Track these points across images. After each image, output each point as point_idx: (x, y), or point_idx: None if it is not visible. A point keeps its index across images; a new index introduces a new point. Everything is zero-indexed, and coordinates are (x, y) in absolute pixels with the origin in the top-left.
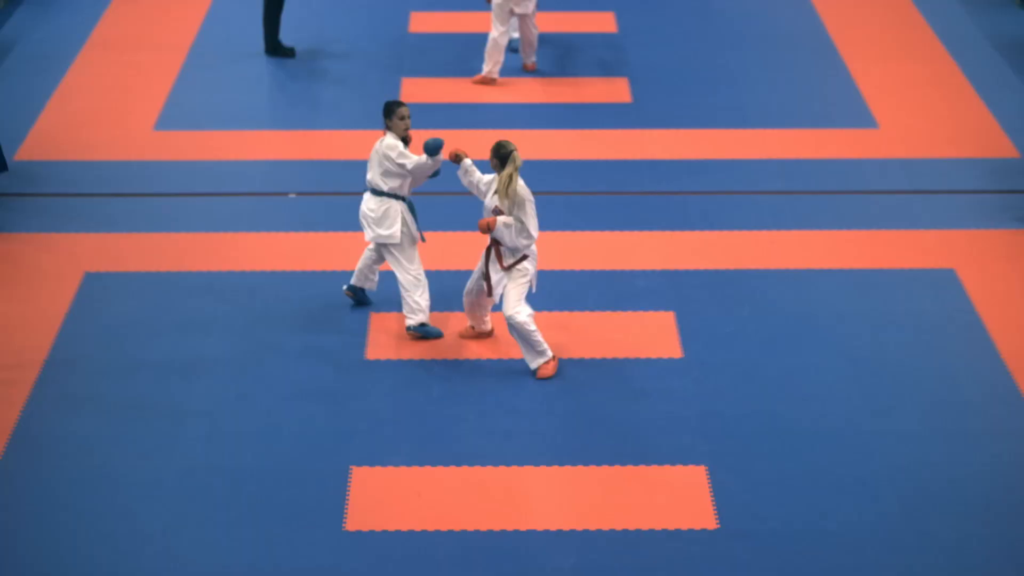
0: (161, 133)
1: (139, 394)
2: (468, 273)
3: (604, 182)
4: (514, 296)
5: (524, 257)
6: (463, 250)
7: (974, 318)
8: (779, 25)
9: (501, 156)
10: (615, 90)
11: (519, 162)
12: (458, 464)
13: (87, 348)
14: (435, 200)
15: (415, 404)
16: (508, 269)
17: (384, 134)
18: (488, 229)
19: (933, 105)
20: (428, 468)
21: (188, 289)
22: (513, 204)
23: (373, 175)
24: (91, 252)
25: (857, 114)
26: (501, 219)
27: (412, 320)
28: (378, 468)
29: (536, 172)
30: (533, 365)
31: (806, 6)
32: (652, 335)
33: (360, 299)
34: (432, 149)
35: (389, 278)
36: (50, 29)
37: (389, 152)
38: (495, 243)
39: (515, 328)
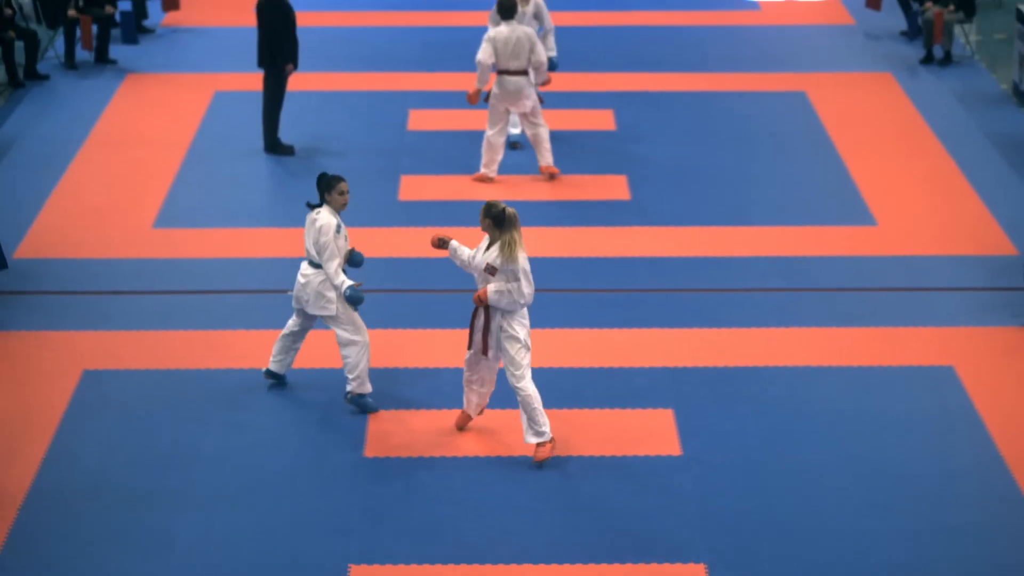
0: (160, 231)
1: (137, 491)
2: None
3: (603, 279)
4: (520, 366)
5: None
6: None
7: (973, 415)
8: (777, 123)
9: (494, 215)
10: (614, 187)
11: (518, 221)
12: (457, 562)
13: (85, 445)
14: (429, 298)
15: (414, 501)
16: (499, 333)
17: (320, 208)
18: (482, 301)
19: (931, 203)
20: (427, 566)
21: (187, 387)
22: (509, 261)
23: (309, 247)
24: (90, 350)
25: (856, 212)
26: (492, 288)
27: (355, 388)
28: (376, 566)
29: (535, 269)
30: (530, 441)
31: (804, 104)
32: (651, 432)
33: (280, 381)
34: (353, 301)
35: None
36: (51, 127)
37: (321, 237)
38: (484, 306)
39: (522, 400)
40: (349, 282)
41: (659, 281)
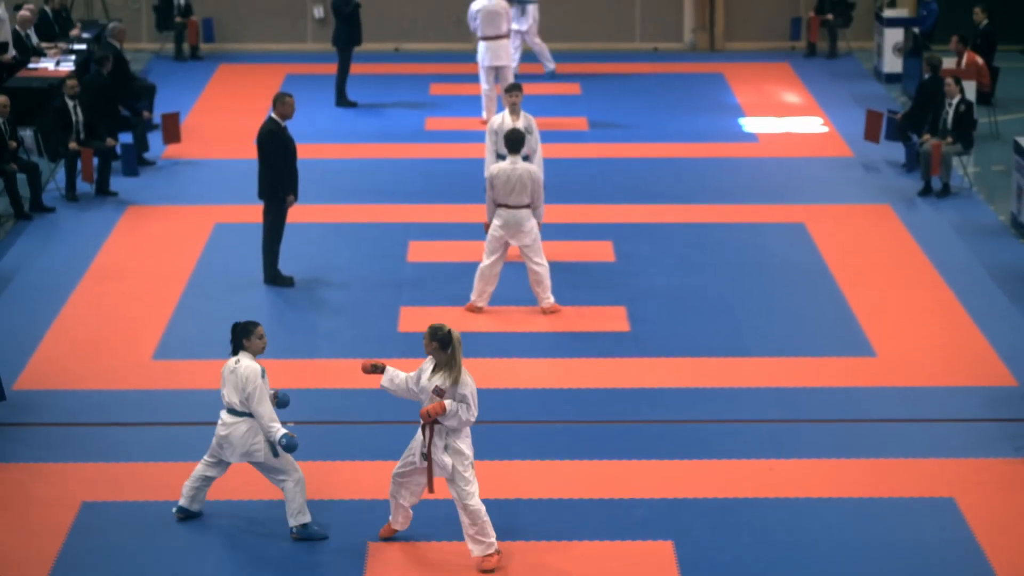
0: (160, 362)
1: None
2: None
3: (602, 411)
4: (469, 481)
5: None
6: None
7: (974, 547)
8: (776, 254)
9: (441, 338)
10: (613, 319)
11: (461, 344)
12: None
13: None
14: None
15: None
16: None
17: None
18: (431, 416)
19: (931, 334)
20: None
21: (186, 519)
22: (456, 383)
23: (230, 396)
24: (88, 482)
25: (855, 343)
26: (449, 403)
27: (296, 521)
28: None
29: (534, 401)
30: (478, 553)
31: (803, 236)
32: (651, 565)
33: (190, 515)
34: (290, 449)
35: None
36: (51, 258)
37: (248, 385)
38: (431, 426)
39: (471, 513)
40: (284, 430)
41: (658, 412)
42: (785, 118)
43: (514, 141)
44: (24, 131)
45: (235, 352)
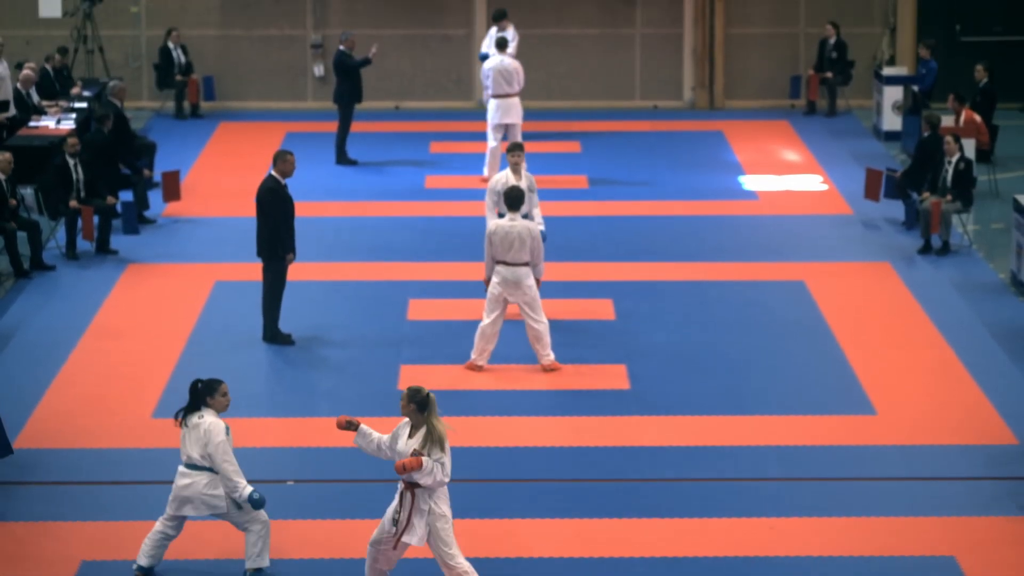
0: (160, 421)
1: None
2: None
3: (603, 469)
4: (451, 544)
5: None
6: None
7: None
8: (776, 312)
9: (419, 401)
10: (613, 377)
11: (436, 406)
12: None
13: None
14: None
15: None
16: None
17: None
18: (406, 470)
19: (931, 392)
20: None
21: None
22: (433, 445)
23: (189, 450)
24: (88, 540)
25: (855, 401)
26: (426, 459)
27: (253, 564)
28: None
29: (534, 459)
30: None
31: (803, 293)
32: None
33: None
34: (259, 505)
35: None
36: (52, 316)
37: (214, 438)
38: (411, 487)
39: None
40: (251, 487)
41: (658, 471)
42: (785, 176)
43: (514, 199)
44: (24, 189)
45: (196, 409)
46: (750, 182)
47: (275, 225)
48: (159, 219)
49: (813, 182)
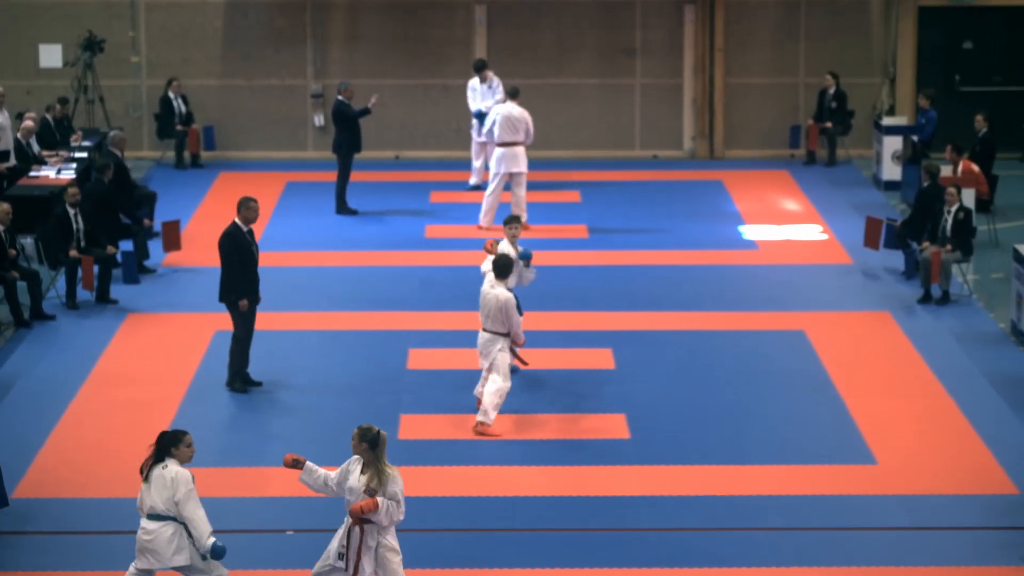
0: None
1: None
2: None
3: (603, 519)
4: None
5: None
6: None
7: None
8: (776, 362)
9: (370, 439)
10: (613, 426)
11: (386, 442)
12: None
13: None
14: (441, 538)
15: None
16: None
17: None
18: (364, 512)
19: (931, 442)
20: None
21: None
22: (385, 482)
23: (153, 501)
24: None
25: (855, 450)
26: (380, 500)
27: None
28: None
29: (534, 509)
30: None
31: (803, 342)
32: None
33: None
34: (220, 555)
35: None
36: (52, 366)
37: (178, 488)
38: (362, 523)
39: None
40: (214, 538)
41: (658, 520)
42: (785, 226)
43: (501, 267)
44: (25, 239)
45: (160, 459)
46: (750, 232)
47: (232, 270)
48: (159, 269)
49: (813, 232)
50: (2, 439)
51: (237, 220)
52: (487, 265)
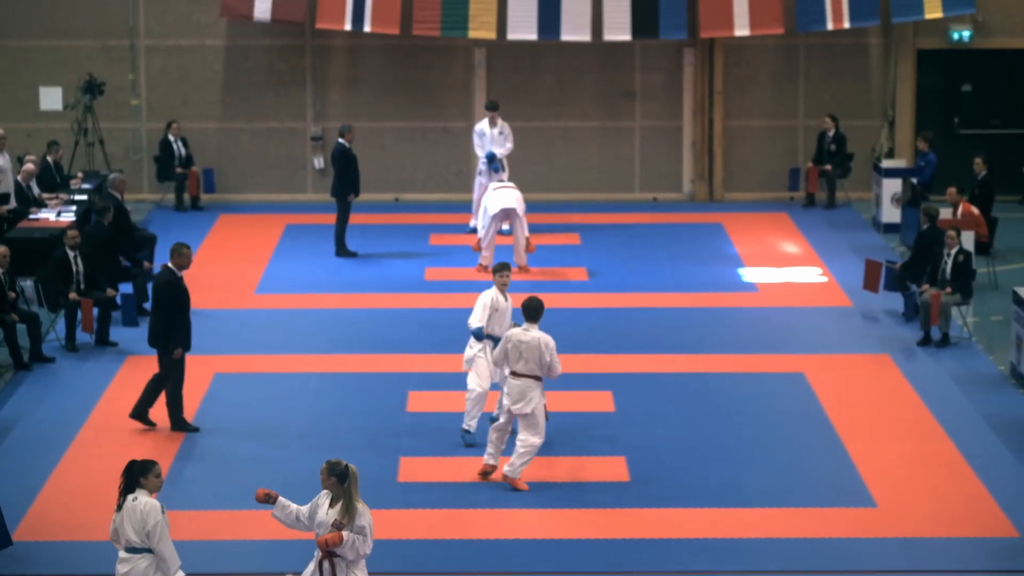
0: None
1: None
2: None
3: (603, 562)
4: None
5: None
6: None
7: None
8: (776, 404)
9: (339, 473)
10: (613, 469)
11: (356, 476)
12: None
13: None
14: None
15: None
16: None
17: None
18: (329, 545)
19: (931, 484)
20: None
21: None
22: (354, 517)
23: (127, 534)
24: None
25: (855, 493)
26: (346, 533)
27: None
28: None
29: (534, 551)
30: None
31: (803, 385)
32: None
33: None
34: None
35: None
36: (51, 408)
37: (147, 520)
38: (330, 556)
39: None
40: (182, 573)
41: (659, 563)
42: (784, 268)
43: (532, 309)
44: (24, 281)
45: (130, 490)
46: (749, 274)
47: (168, 317)
48: None
49: (812, 274)
50: (2, 481)
51: (170, 266)
52: (477, 320)
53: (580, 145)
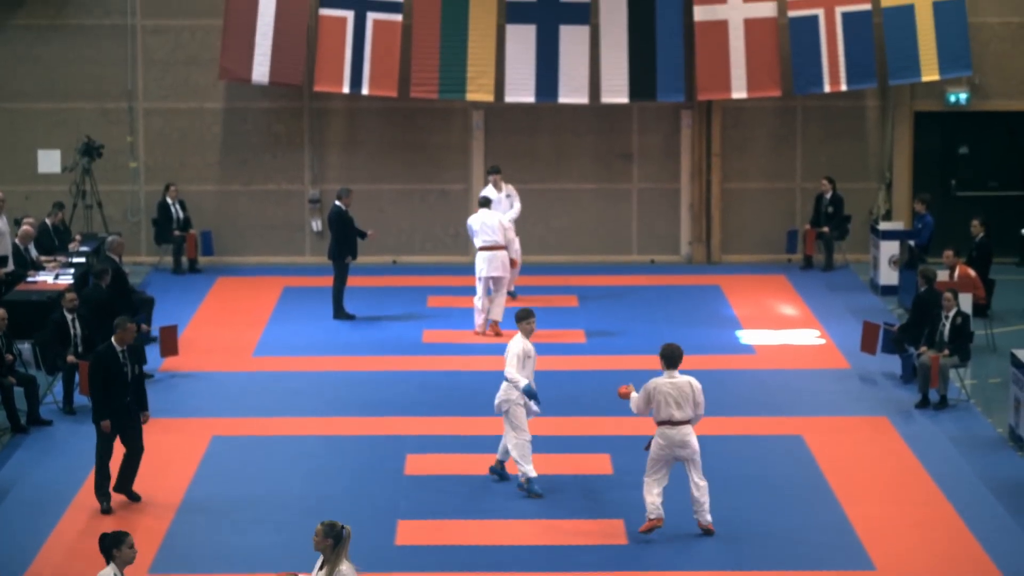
0: (157, 575)
1: None
2: None
3: None
4: None
5: None
6: None
7: None
8: (774, 467)
9: (335, 535)
10: (611, 532)
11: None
12: None
13: None
14: None
15: None
16: None
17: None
18: None
19: (930, 547)
20: None
21: None
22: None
23: None
24: None
25: (853, 556)
26: None
27: None
28: None
29: None
30: None
31: (801, 448)
32: None
33: None
34: None
35: None
36: (48, 471)
37: None
38: None
39: None
40: None
41: None
42: (782, 330)
43: (672, 356)
44: (22, 344)
45: (108, 562)
46: (747, 336)
47: (96, 392)
48: (156, 374)
49: (810, 336)
50: None
51: (113, 340)
52: (517, 371)
53: (578, 207)
